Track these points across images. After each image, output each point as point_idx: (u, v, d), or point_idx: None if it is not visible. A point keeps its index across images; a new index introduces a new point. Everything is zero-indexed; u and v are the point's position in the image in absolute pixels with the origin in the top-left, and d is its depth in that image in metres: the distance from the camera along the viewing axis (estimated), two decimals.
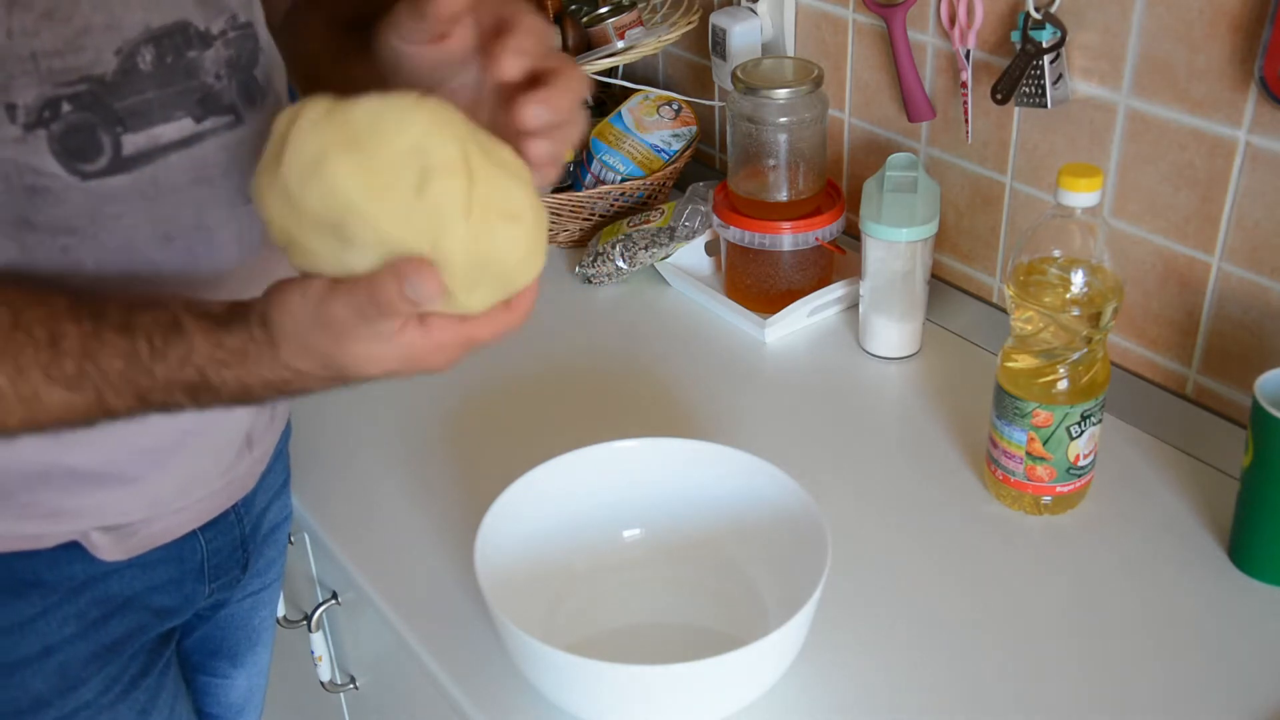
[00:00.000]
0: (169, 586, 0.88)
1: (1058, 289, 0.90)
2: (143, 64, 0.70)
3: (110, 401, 0.65)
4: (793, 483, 0.88)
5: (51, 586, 0.81)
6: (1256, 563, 0.91)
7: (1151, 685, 0.83)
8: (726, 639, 0.83)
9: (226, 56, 0.75)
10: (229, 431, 0.87)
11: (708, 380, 1.17)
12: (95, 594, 0.83)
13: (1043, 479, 0.96)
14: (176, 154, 0.73)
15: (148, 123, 0.71)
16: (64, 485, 0.78)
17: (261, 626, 1.04)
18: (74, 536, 0.81)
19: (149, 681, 0.88)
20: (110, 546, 0.82)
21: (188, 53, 0.72)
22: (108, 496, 0.80)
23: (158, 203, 0.73)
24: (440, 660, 0.88)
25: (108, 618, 0.84)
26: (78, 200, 0.69)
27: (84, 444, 0.76)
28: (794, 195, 1.23)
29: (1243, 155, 0.94)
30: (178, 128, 0.73)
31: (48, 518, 0.79)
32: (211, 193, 0.75)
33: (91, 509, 0.80)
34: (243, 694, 1.06)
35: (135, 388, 0.64)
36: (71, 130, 0.68)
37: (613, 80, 1.53)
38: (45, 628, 0.81)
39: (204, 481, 0.86)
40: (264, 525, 0.97)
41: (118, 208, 0.71)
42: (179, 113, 0.72)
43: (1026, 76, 1.04)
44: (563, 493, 0.92)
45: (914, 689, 0.84)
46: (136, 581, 0.85)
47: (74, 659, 0.83)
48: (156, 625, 0.88)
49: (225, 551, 0.91)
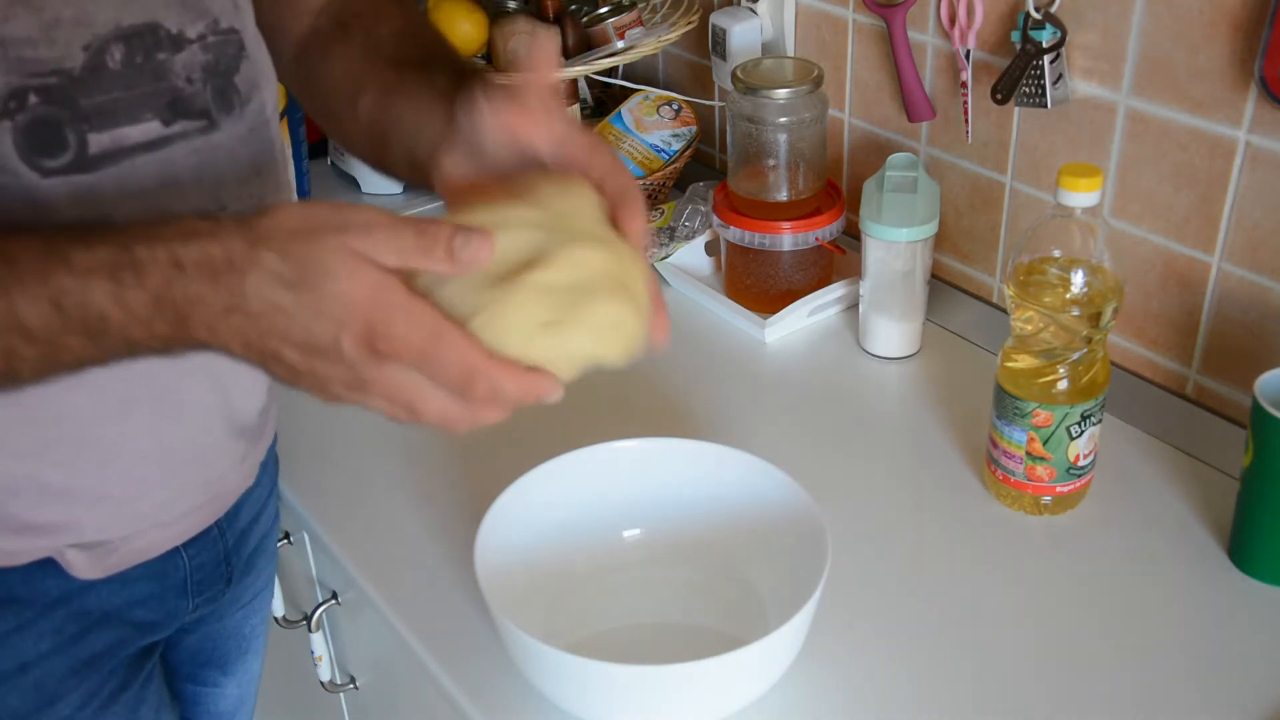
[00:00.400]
0: (150, 601, 0.85)
1: (1058, 289, 0.90)
2: (111, 62, 0.69)
3: (21, 308, 0.57)
4: (793, 483, 0.88)
5: (26, 603, 0.79)
6: (1256, 563, 0.91)
7: (1151, 685, 0.83)
8: (726, 639, 0.83)
9: (203, 61, 0.73)
10: (218, 445, 0.84)
11: (708, 380, 1.17)
12: (71, 609, 0.81)
13: (1043, 479, 0.96)
14: (143, 156, 0.71)
15: (114, 122, 0.69)
16: (35, 501, 0.75)
17: (253, 634, 1.03)
18: (48, 553, 0.78)
19: (129, 695, 0.86)
20: (86, 565, 0.80)
21: (157, 54, 0.71)
22: (84, 513, 0.78)
23: (121, 206, 0.70)
24: (440, 660, 0.88)
25: (85, 633, 0.82)
26: (37, 199, 0.67)
27: (54, 460, 0.75)
28: (794, 195, 1.23)
29: (1243, 155, 0.94)
30: (144, 130, 0.71)
31: (19, 534, 0.76)
32: (180, 198, 0.73)
33: (66, 525, 0.77)
34: (233, 702, 1.04)
35: (48, 283, 0.57)
36: (36, 123, 0.66)
37: (613, 80, 1.53)
38: (20, 644, 0.79)
39: (186, 498, 0.84)
40: (250, 539, 0.95)
41: (78, 209, 0.69)
42: (146, 114, 0.71)
43: (1026, 76, 1.04)
44: (563, 493, 0.92)
45: (914, 689, 0.84)
46: (115, 597, 0.83)
47: (51, 674, 0.81)
48: (137, 639, 0.86)
49: (209, 567, 0.89)
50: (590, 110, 1.56)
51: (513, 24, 1.37)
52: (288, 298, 0.57)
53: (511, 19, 1.37)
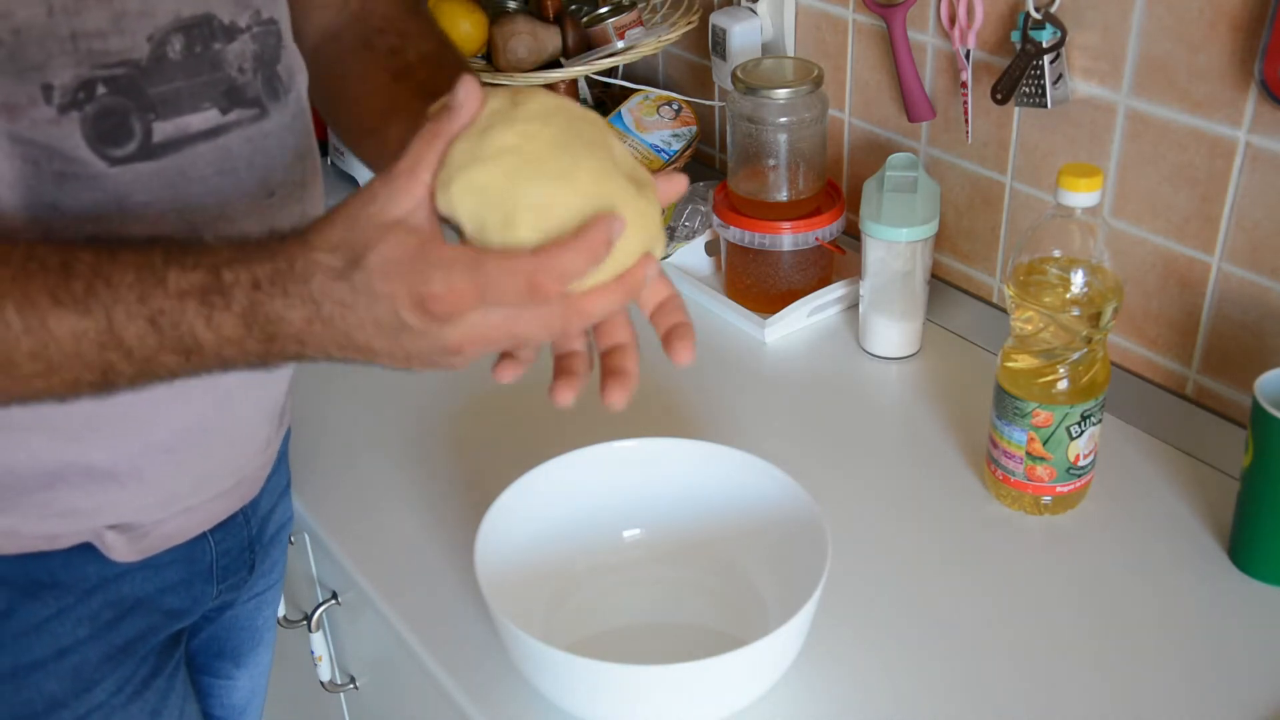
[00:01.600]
0: (179, 588, 0.88)
1: (1058, 289, 0.90)
2: (172, 53, 0.70)
3: (120, 326, 0.60)
4: (793, 483, 0.88)
5: (66, 588, 0.81)
6: (1256, 563, 0.91)
7: (1151, 685, 0.83)
8: (726, 639, 0.83)
9: (252, 51, 0.76)
10: (251, 427, 0.87)
11: (708, 380, 1.17)
12: (108, 595, 0.83)
13: (1043, 479, 0.96)
14: (203, 144, 0.73)
15: (177, 111, 0.71)
16: (79, 484, 0.78)
17: (264, 627, 1.04)
18: (88, 537, 0.80)
19: (159, 683, 0.89)
20: (123, 547, 0.82)
21: (213, 44, 0.73)
22: (122, 494, 0.80)
23: (182, 193, 0.73)
24: (440, 660, 0.88)
25: (120, 619, 0.84)
26: (105, 187, 0.69)
27: (100, 441, 0.77)
28: (794, 195, 1.23)
29: (1243, 155, 0.94)
30: (204, 118, 0.73)
31: (63, 517, 0.79)
32: (236, 184, 0.75)
33: (106, 507, 0.80)
34: (245, 695, 1.06)
35: (146, 303, 0.60)
36: (104, 114, 0.68)
37: (613, 80, 1.53)
38: (59, 629, 0.81)
39: (216, 480, 0.86)
40: (270, 527, 0.97)
41: (144, 196, 0.71)
42: (205, 103, 0.73)
43: (1026, 76, 1.04)
44: (563, 493, 0.92)
45: (914, 689, 0.84)
46: (148, 583, 0.85)
47: (87, 660, 0.83)
48: (167, 626, 0.89)
49: (234, 553, 0.91)
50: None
51: (513, 24, 1.37)
52: (345, 290, 0.58)
53: (511, 19, 1.37)
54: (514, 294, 0.57)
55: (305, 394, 1.18)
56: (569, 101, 0.63)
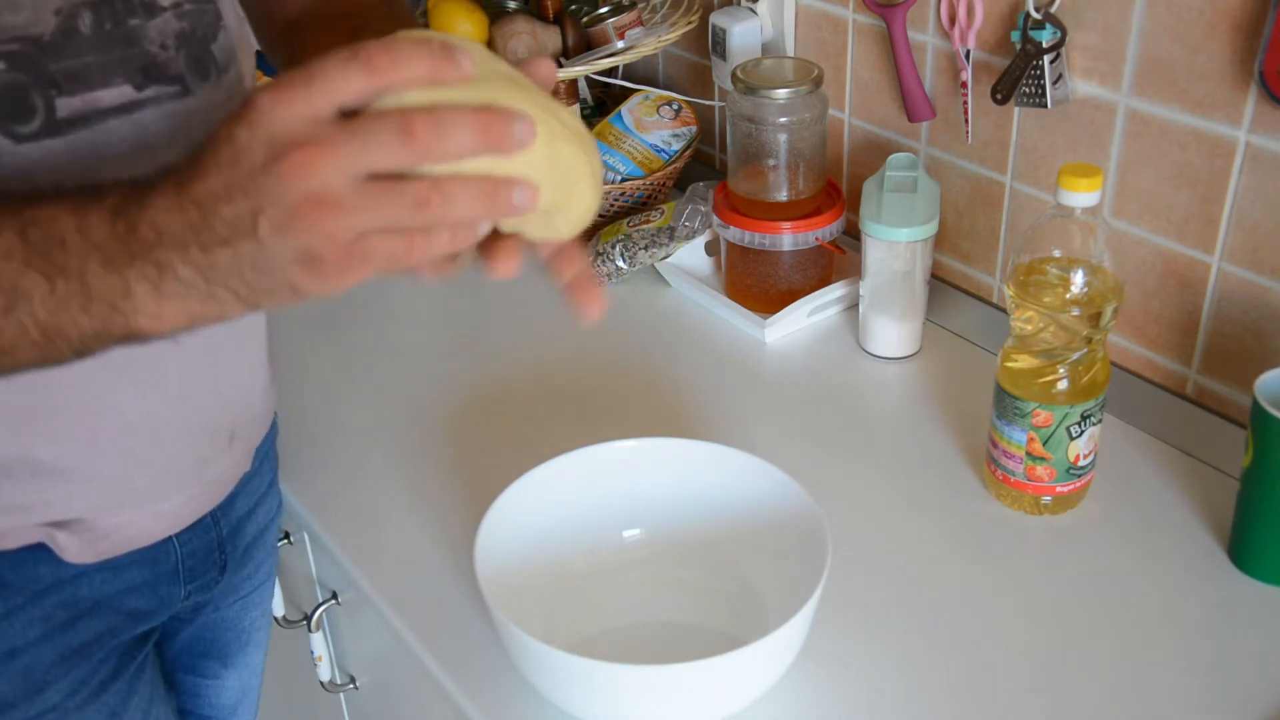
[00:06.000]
0: (142, 589, 0.86)
1: (1058, 289, 0.90)
2: (82, 26, 0.69)
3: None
4: (793, 483, 0.88)
5: (16, 588, 0.79)
6: (1256, 563, 0.91)
7: (1151, 685, 0.83)
8: (726, 639, 0.83)
9: (177, 28, 0.74)
10: (208, 422, 0.85)
11: (708, 380, 1.17)
12: (62, 596, 0.81)
13: (1043, 479, 0.96)
14: (115, 120, 0.72)
15: (85, 86, 0.70)
16: (23, 479, 0.76)
17: (253, 627, 1.03)
18: (39, 536, 0.79)
19: (119, 685, 0.87)
20: (77, 549, 0.80)
21: (129, 20, 0.72)
22: (71, 489, 0.78)
23: (97, 170, 0.71)
24: (440, 660, 0.88)
25: (75, 620, 0.82)
26: (13, 165, 0.68)
27: (45, 434, 0.75)
28: (794, 195, 1.23)
29: (1243, 155, 0.94)
30: (117, 94, 0.72)
31: (8, 513, 0.77)
32: (154, 162, 0.71)
33: (56, 502, 0.78)
34: (235, 695, 1.05)
35: (19, 215, 0.57)
36: (3, 90, 0.67)
37: (613, 80, 1.53)
38: (9, 630, 0.80)
39: (180, 481, 0.84)
40: (249, 528, 0.95)
41: (55, 175, 0.69)
42: (118, 79, 0.72)
43: (1026, 76, 1.04)
44: (563, 493, 0.92)
45: (914, 689, 0.84)
46: (106, 585, 0.83)
47: (39, 661, 0.81)
48: (130, 628, 0.87)
49: (201, 554, 0.89)
50: (590, 110, 1.56)
51: (513, 24, 1.37)
52: (210, 167, 0.54)
53: (511, 19, 1.37)
54: (384, 132, 0.51)
55: (305, 394, 1.18)
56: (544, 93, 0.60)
